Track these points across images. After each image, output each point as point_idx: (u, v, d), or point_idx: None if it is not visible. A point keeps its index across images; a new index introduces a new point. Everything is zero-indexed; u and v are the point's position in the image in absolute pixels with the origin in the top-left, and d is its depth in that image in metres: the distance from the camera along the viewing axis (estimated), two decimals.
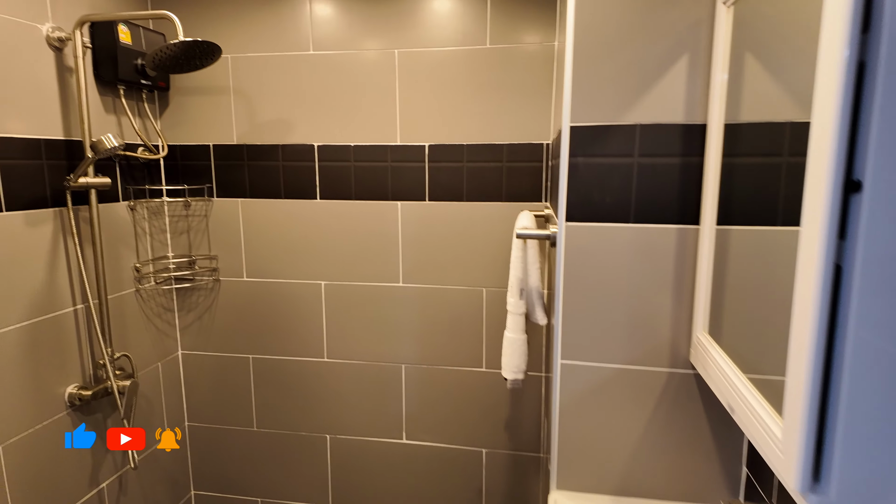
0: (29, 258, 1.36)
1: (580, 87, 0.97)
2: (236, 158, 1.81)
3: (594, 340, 1.04)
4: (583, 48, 0.96)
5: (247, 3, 1.72)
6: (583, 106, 0.97)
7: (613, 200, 0.99)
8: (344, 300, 1.83)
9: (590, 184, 0.99)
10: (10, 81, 1.30)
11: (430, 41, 1.64)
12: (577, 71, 0.96)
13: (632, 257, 1.00)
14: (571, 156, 0.99)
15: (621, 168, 0.98)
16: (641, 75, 0.95)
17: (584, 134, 0.98)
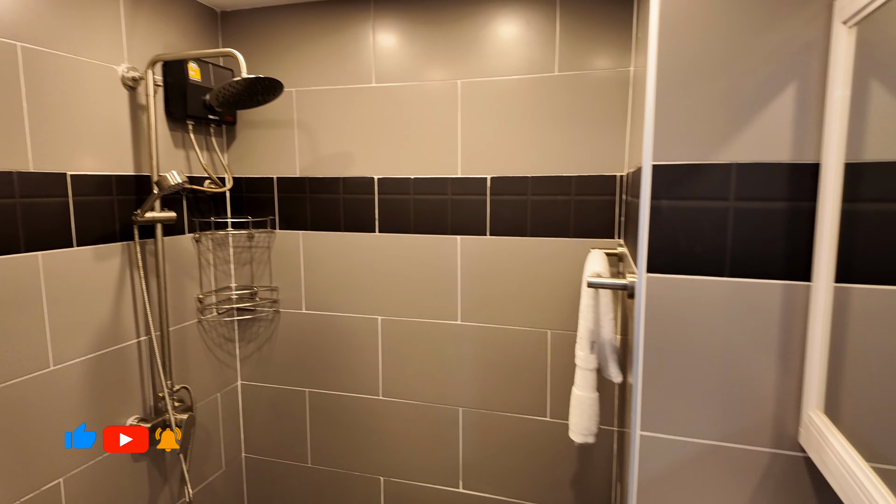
0: (96, 291, 1.39)
1: (664, 120, 0.85)
2: (299, 191, 1.81)
3: (680, 410, 0.89)
4: (667, 76, 0.84)
5: (312, 38, 1.72)
6: (667, 142, 0.85)
7: (704, 250, 0.85)
8: (400, 337, 1.76)
9: (676, 230, 0.86)
10: (88, 121, 1.34)
11: (495, 70, 1.57)
12: (661, 102, 0.85)
13: (726, 316, 0.86)
14: (654, 198, 0.87)
15: (714, 213, 0.84)
16: (738, 107, 0.82)
17: (669, 173, 0.86)
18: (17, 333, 1.20)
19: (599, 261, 1.15)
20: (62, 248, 1.29)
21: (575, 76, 1.51)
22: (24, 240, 1.21)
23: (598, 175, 1.52)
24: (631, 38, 1.46)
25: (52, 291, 1.27)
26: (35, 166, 1.23)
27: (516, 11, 1.53)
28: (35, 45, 1.22)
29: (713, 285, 0.86)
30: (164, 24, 1.57)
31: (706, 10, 0.82)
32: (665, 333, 0.88)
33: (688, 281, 0.87)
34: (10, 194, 1.18)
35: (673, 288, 0.87)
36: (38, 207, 1.23)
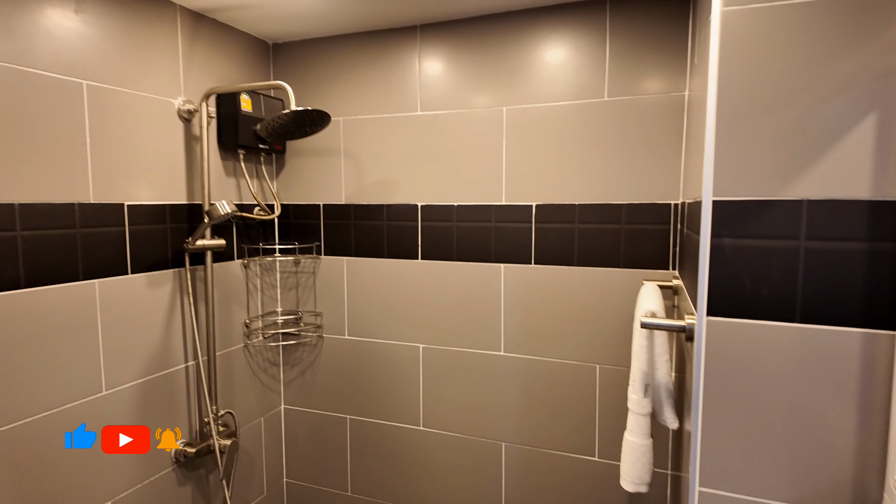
0: (148, 317, 1.43)
1: (725, 153, 0.79)
2: (344, 217, 1.82)
3: (744, 466, 0.82)
4: (729, 105, 0.79)
5: (360, 67, 1.75)
6: (729, 176, 0.79)
7: (772, 294, 0.78)
8: (442, 366, 1.72)
9: (739, 271, 0.80)
10: (145, 152, 1.40)
11: (542, 96, 1.54)
12: (722, 133, 0.79)
13: (797, 366, 0.78)
14: (714, 235, 0.81)
15: (782, 253, 0.77)
16: (810, 139, 0.75)
17: (731, 210, 0.80)
18: (74, 359, 1.24)
19: (653, 296, 1.09)
20: (118, 275, 1.34)
21: (626, 101, 1.45)
22: (82, 268, 1.25)
23: (651, 203, 1.45)
24: (686, 60, 1.40)
25: (107, 318, 1.32)
26: (95, 197, 1.28)
27: (565, 37, 1.50)
28: (99, 82, 1.28)
29: (782, 332, 0.78)
30: (219, 58, 1.63)
31: (772, 34, 0.76)
32: (727, 381, 0.81)
33: (753, 326, 0.80)
34: (72, 225, 1.23)
35: (736, 333, 0.80)
36: (96, 237, 1.28)
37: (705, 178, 0.81)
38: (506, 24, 1.56)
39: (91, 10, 1.26)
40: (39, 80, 1.16)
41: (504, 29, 1.57)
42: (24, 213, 1.14)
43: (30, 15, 1.14)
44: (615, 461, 1.54)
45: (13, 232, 1.12)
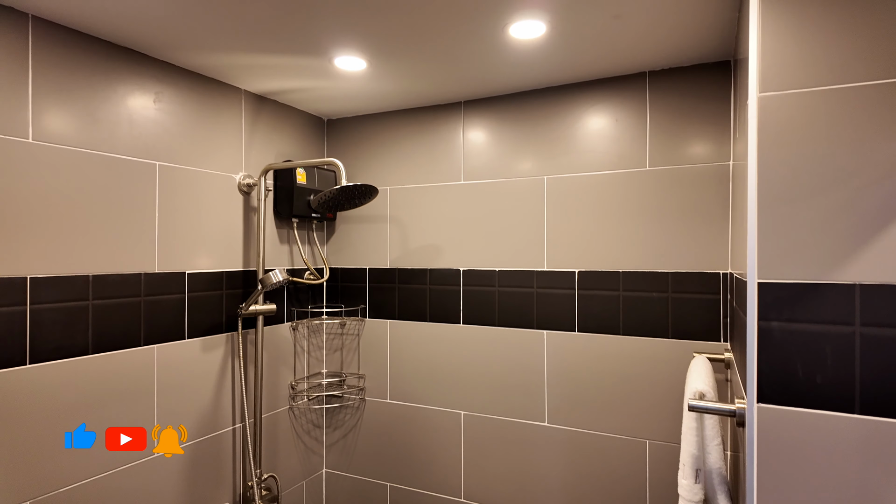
0: (200, 381, 1.49)
1: (770, 235, 0.78)
2: (388, 281, 1.87)
3: None
4: (771, 189, 0.78)
5: (407, 140, 1.84)
6: (774, 257, 0.78)
7: (827, 381, 0.74)
8: (484, 435, 1.69)
9: (790, 356, 0.77)
10: (206, 223, 1.50)
11: (582, 166, 1.56)
12: (765, 216, 0.78)
13: (861, 459, 0.73)
14: (762, 318, 0.78)
15: (836, 339, 0.74)
16: (858, 221, 0.73)
17: (779, 292, 0.77)
18: (131, 422, 1.30)
19: (702, 374, 1.05)
20: (175, 340, 1.41)
21: (668, 170, 1.46)
22: (144, 334, 1.34)
23: (698, 272, 1.42)
24: (729, 129, 1.40)
25: (163, 382, 1.38)
26: (160, 267, 1.38)
27: (604, 109, 1.54)
28: (170, 162, 1.40)
29: (842, 422, 0.74)
30: (278, 134, 1.76)
31: (813, 118, 0.76)
32: (784, 472, 0.76)
33: (809, 416, 0.75)
34: (137, 293, 1.32)
35: (791, 422, 0.76)
36: (158, 304, 1.37)
37: (749, 259, 0.80)
38: (546, 98, 1.62)
39: (168, 99, 1.40)
40: (119, 163, 1.29)
41: (544, 103, 1.62)
42: (97, 283, 1.23)
43: (115, 106, 1.28)
44: None
45: (86, 301, 1.21)
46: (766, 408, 0.78)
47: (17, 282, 1.09)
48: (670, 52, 1.36)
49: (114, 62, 1.28)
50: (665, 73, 1.47)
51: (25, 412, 1.11)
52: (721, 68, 1.41)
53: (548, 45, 1.29)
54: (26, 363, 1.11)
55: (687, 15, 1.14)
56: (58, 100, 1.17)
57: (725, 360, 1.30)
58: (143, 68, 1.34)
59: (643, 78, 1.49)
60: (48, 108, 1.15)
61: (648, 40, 1.28)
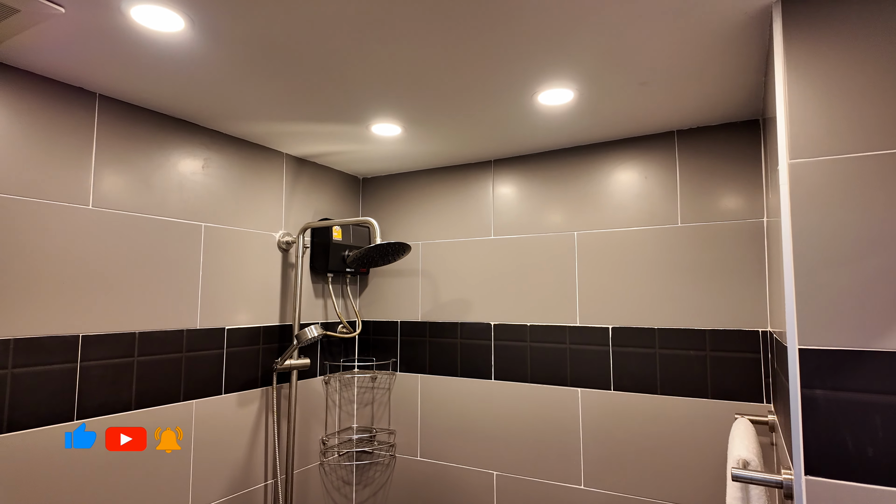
0: (235, 436, 1.50)
1: (808, 300, 0.77)
2: (419, 334, 1.88)
3: None
4: (807, 253, 0.78)
5: (438, 197, 1.89)
6: (815, 323, 0.76)
7: (880, 454, 0.71)
8: (517, 498, 1.64)
9: (838, 426, 0.74)
10: (246, 280, 1.56)
11: (613, 222, 1.57)
12: (802, 281, 0.78)
13: None
14: (805, 386, 0.76)
15: (887, 409, 0.71)
16: None
17: (822, 359, 0.76)
18: (168, 479, 1.32)
19: (746, 439, 1.01)
20: (212, 395, 1.44)
21: (701, 227, 1.46)
22: (184, 390, 1.37)
23: (737, 330, 1.39)
24: (761, 186, 1.40)
25: (200, 437, 1.40)
26: (202, 323, 1.43)
27: (633, 167, 1.56)
28: (215, 223, 1.48)
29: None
30: (316, 192, 1.84)
31: (846, 184, 0.76)
32: None
33: (863, 490, 0.72)
34: (179, 349, 1.37)
35: (843, 497, 0.73)
36: (198, 360, 1.41)
37: (788, 325, 0.79)
38: (574, 156, 1.66)
39: (215, 164, 1.49)
40: (169, 226, 1.36)
41: (573, 160, 1.66)
42: (142, 340, 1.29)
43: (167, 172, 1.37)
44: None
45: (131, 358, 1.26)
46: (815, 481, 0.74)
47: (69, 340, 1.15)
48: (698, 114, 1.38)
49: (167, 132, 1.38)
50: (693, 132, 1.49)
51: (70, 468, 1.14)
52: (750, 127, 1.42)
53: (575, 110, 1.34)
54: (73, 419, 1.15)
55: (713, 80, 1.18)
56: (117, 168, 1.26)
57: (769, 423, 1.25)
58: (194, 136, 1.44)
59: (671, 137, 1.52)
60: (108, 176, 1.24)
61: (675, 103, 1.31)
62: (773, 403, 1.27)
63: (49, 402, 1.11)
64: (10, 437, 1.04)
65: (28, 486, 1.07)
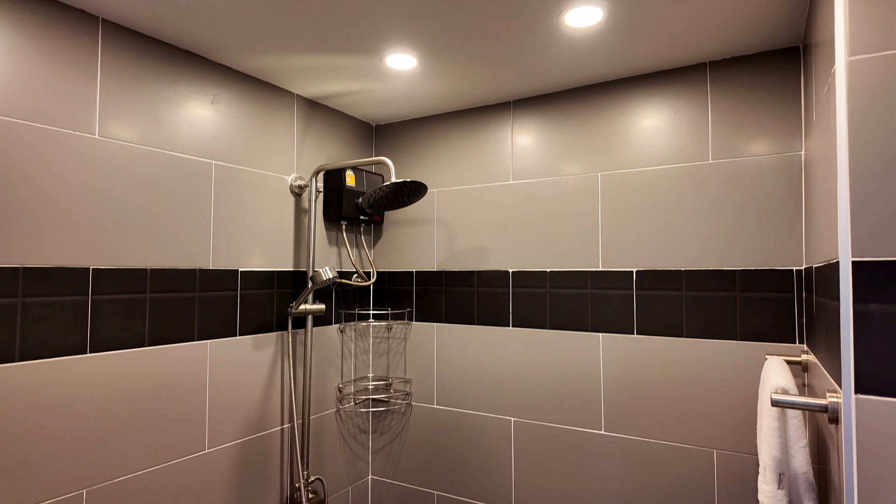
0: (251, 379, 1.49)
1: (863, 209, 0.71)
2: (435, 284, 1.84)
3: None
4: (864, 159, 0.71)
5: (454, 142, 1.83)
6: (870, 234, 0.70)
7: None
8: (535, 443, 1.62)
9: (893, 341, 0.69)
10: (259, 224, 1.52)
11: (639, 161, 1.50)
12: (857, 188, 0.71)
13: None
14: (859, 301, 0.71)
15: None
16: None
17: (877, 272, 0.70)
18: (184, 416, 1.31)
19: (781, 372, 0.96)
20: (227, 337, 1.42)
21: (733, 163, 1.38)
22: (198, 329, 1.35)
23: (769, 269, 1.33)
24: (799, 118, 1.31)
25: (215, 378, 1.39)
26: (214, 264, 1.40)
27: (661, 102, 1.48)
28: (225, 162, 1.43)
29: None
30: (328, 139, 1.78)
31: None
32: (888, 471, 0.68)
33: None
34: (192, 289, 1.34)
35: None
36: (212, 300, 1.39)
37: (841, 237, 0.73)
38: (598, 93, 1.58)
39: (224, 101, 1.44)
40: (178, 161, 1.32)
41: (596, 98, 1.58)
42: (154, 277, 1.26)
43: (175, 106, 1.32)
44: None
45: (143, 294, 1.24)
46: (867, 399, 0.69)
47: (80, 272, 1.12)
48: (732, 40, 1.29)
49: (175, 64, 1.32)
50: (727, 63, 1.40)
51: (85, 401, 1.12)
52: (788, 55, 1.33)
53: (603, 33, 1.26)
54: (87, 352, 1.13)
55: None
56: (123, 99, 1.21)
57: (802, 363, 1.20)
58: (202, 71, 1.38)
59: (703, 69, 1.43)
60: (114, 107, 1.19)
61: (709, 26, 1.22)
62: (808, 343, 1.21)
63: (61, 334, 1.09)
64: (23, 366, 1.03)
65: (41, 417, 1.06)
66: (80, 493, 1.11)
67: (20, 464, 1.02)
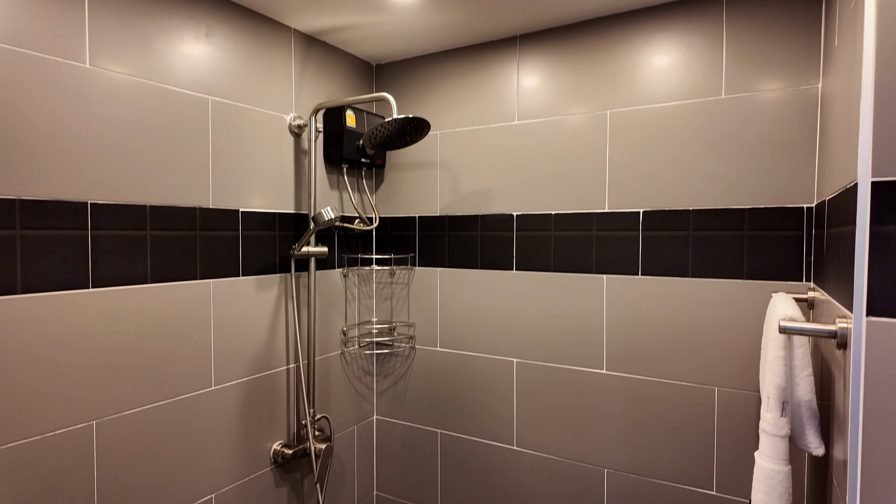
0: (255, 319, 1.49)
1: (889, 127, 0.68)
2: (438, 229, 1.82)
3: None
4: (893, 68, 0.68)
5: (457, 82, 1.77)
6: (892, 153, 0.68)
7: None
8: (537, 382, 1.64)
9: None
10: (258, 164, 1.49)
11: (649, 98, 1.45)
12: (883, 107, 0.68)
13: None
14: (876, 222, 0.69)
15: None
16: None
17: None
18: (189, 354, 1.32)
19: (789, 303, 0.95)
20: (230, 276, 1.42)
21: (746, 98, 1.33)
22: (200, 268, 1.34)
23: (778, 207, 1.30)
24: (818, 51, 1.26)
25: (219, 317, 1.39)
26: (214, 203, 1.38)
27: (674, 36, 1.42)
28: (223, 98, 1.39)
29: None
30: (327, 78, 1.73)
31: None
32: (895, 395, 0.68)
33: None
34: (193, 227, 1.32)
35: None
36: (213, 240, 1.37)
37: (861, 157, 0.70)
38: (608, 27, 1.51)
39: (219, 34, 1.38)
40: (174, 95, 1.28)
41: (606, 32, 1.51)
42: (154, 214, 1.24)
43: (168, 37, 1.27)
44: (737, 496, 1.36)
45: (144, 231, 1.22)
46: (879, 321, 0.68)
47: (77, 206, 1.10)
48: None
49: None
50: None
51: (90, 335, 1.13)
52: None
53: None
54: (89, 287, 1.12)
55: None
56: (114, 27, 1.16)
57: (808, 300, 1.19)
58: (195, 0, 1.32)
59: None
60: (104, 35, 1.14)
61: None
62: (816, 280, 1.20)
63: (62, 268, 1.08)
64: (25, 298, 1.02)
65: (47, 350, 1.06)
66: (89, 425, 1.13)
67: (29, 394, 1.03)
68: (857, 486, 0.71)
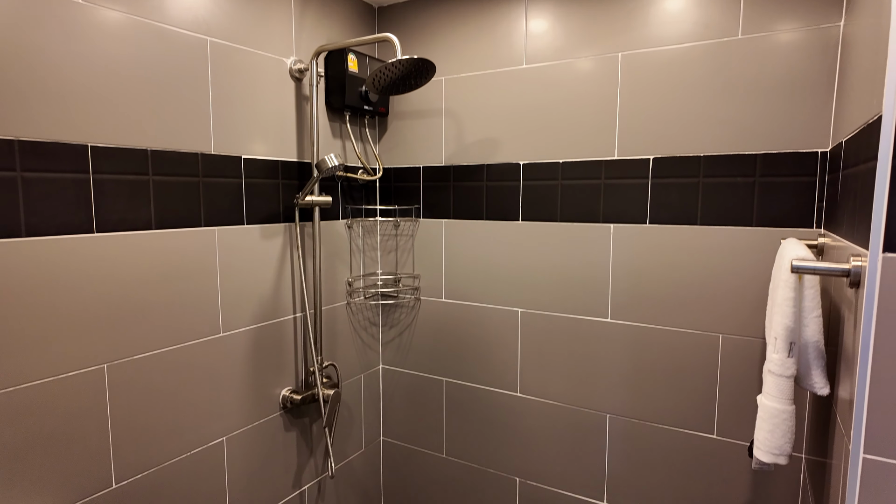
0: (261, 267, 1.49)
1: None
2: (443, 179, 1.80)
3: None
4: None
5: (463, 24, 1.70)
6: None
7: None
8: (541, 331, 1.65)
9: None
10: (260, 109, 1.46)
11: (663, 39, 1.40)
12: None
13: None
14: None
15: None
16: None
17: None
18: (196, 300, 1.33)
19: (799, 246, 0.94)
20: (234, 224, 1.41)
21: (763, 38, 1.28)
22: (204, 215, 1.33)
23: (792, 152, 1.27)
24: None
25: (225, 264, 1.39)
26: (216, 149, 1.35)
27: None
28: (221, 39, 1.34)
29: None
30: (328, 20, 1.66)
31: None
32: None
33: None
34: (195, 173, 1.30)
35: None
36: (216, 187, 1.36)
37: (888, 86, 0.67)
38: None
39: None
40: (170, 35, 1.23)
41: None
42: (155, 158, 1.22)
43: None
44: (737, 440, 1.39)
45: (146, 176, 1.20)
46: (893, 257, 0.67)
47: (78, 148, 1.08)
48: None
49: None
50: None
51: (96, 280, 1.13)
52: None
53: None
54: (93, 231, 1.12)
55: None
56: None
57: (818, 246, 1.18)
58: None
59: None
60: None
61: None
62: (827, 226, 1.19)
63: (66, 212, 1.07)
64: (30, 241, 1.02)
65: (54, 293, 1.07)
66: (101, 368, 1.14)
67: (39, 337, 1.04)
68: (862, 422, 0.71)
